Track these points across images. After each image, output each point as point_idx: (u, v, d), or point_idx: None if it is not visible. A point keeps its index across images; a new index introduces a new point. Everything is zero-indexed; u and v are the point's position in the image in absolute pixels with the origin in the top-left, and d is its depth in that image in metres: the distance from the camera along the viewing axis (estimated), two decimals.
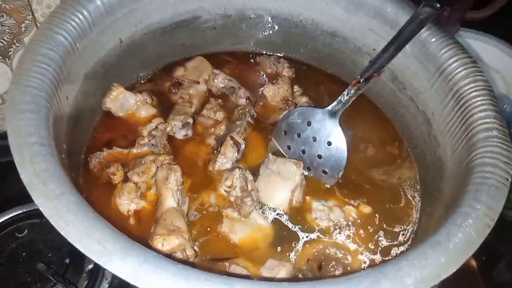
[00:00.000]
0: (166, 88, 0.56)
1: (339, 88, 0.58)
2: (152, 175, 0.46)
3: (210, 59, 0.59)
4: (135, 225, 0.44)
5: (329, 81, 0.60)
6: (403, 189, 0.51)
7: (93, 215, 0.31)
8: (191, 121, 0.51)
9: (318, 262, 0.44)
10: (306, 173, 0.50)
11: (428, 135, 0.50)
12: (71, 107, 0.44)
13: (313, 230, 0.46)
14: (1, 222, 0.53)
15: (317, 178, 0.50)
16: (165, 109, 0.53)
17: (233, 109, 0.54)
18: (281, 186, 0.47)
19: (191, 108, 0.54)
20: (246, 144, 0.50)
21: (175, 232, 0.40)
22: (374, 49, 0.54)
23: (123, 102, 0.51)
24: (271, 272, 0.41)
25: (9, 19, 0.55)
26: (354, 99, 0.48)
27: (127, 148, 0.49)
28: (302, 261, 0.44)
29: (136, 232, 0.43)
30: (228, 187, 0.47)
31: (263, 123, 0.54)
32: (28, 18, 0.56)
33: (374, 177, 0.51)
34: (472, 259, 0.55)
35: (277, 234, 0.45)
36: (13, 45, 0.58)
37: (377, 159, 0.53)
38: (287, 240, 0.45)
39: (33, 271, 0.49)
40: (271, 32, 0.60)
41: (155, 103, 0.54)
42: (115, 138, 0.50)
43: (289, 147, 0.51)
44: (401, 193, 0.50)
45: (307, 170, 0.50)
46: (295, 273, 0.42)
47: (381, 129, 0.56)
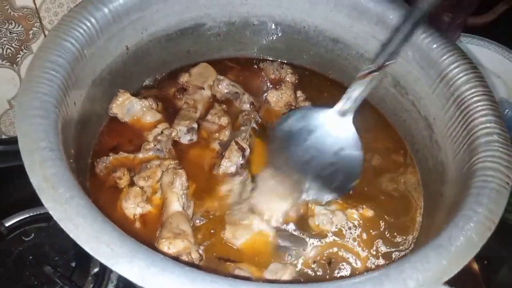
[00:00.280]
0: (171, 93, 0.57)
1: (342, 93, 0.59)
2: (157, 179, 0.47)
3: (214, 65, 0.59)
4: (141, 229, 0.44)
5: (332, 86, 0.60)
6: (407, 194, 0.51)
7: (101, 219, 0.32)
8: (195, 126, 0.52)
9: (328, 259, 0.44)
10: (305, 197, 0.47)
11: (430, 139, 0.50)
12: (79, 112, 0.45)
13: (316, 233, 0.46)
14: (8, 226, 0.54)
15: (319, 200, 0.47)
16: (170, 115, 0.54)
17: (237, 115, 0.55)
18: (277, 204, 0.46)
19: (196, 113, 0.54)
20: (250, 149, 0.51)
21: (180, 235, 0.41)
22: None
23: (129, 107, 0.52)
24: (274, 275, 0.42)
25: (17, 26, 0.56)
26: (367, 94, 0.44)
27: (133, 153, 0.49)
28: (306, 263, 0.44)
29: (142, 235, 0.44)
30: (226, 192, 0.47)
31: (265, 130, 0.55)
32: (36, 25, 0.57)
33: (379, 185, 0.51)
34: (474, 263, 0.55)
35: (279, 239, 0.46)
36: (20, 52, 0.59)
37: (382, 167, 0.53)
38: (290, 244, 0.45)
39: (40, 274, 0.49)
40: (274, 38, 0.61)
41: (160, 109, 0.54)
42: (121, 143, 0.51)
43: (288, 158, 0.47)
44: (404, 198, 0.51)
45: (309, 182, 0.47)
46: (299, 276, 0.43)
47: (384, 135, 0.56)
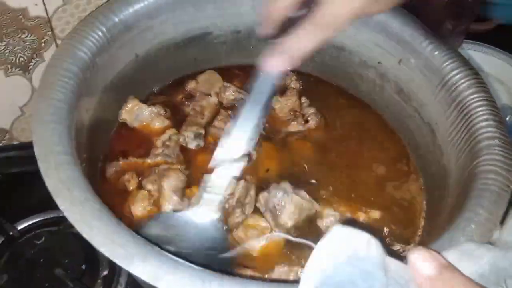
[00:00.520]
0: (178, 100, 0.58)
1: (347, 101, 0.60)
2: None
3: (220, 72, 0.61)
4: None
5: (336, 93, 0.61)
6: (411, 200, 0.52)
7: (114, 221, 0.33)
8: (202, 131, 0.53)
9: None
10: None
11: (432, 144, 0.51)
12: (90, 118, 0.46)
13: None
14: (20, 229, 0.55)
15: None
16: (178, 121, 0.55)
17: None
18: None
19: (203, 119, 0.56)
20: (256, 155, 0.52)
21: None
22: (379, 62, 0.56)
23: (138, 113, 0.53)
24: (281, 276, 0.43)
25: (30, 35, 0.58)
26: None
27: (142, 157, 0.51)
28: None
29: None
30: (228, 195, 0.48)
31: (272, 135, 0.56)
32: (48, 34, 0.59)
33: (384, 193, 0.52)
34: None
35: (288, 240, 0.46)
36: (32, 60, 0.60)
37: (387, 176, 0.53)
38: (297, 247, 0.45)
39: (51, 277, 0.51)
40: None
41: (168, 115, 0.56)
42: (131, 148, 0.52)
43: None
44: (408, 204, 0.51)
45: None
46: None
47: (388, 143, 0.57)
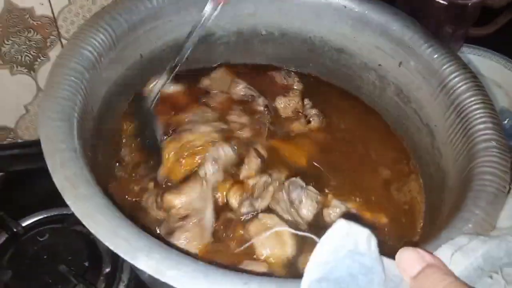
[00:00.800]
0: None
1: (349, 102, 0.61)
2: None
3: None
4: None
5: (338, 94, 0.62)
6: (412, 202, 0.52)
7: (119, 216, 0.34)
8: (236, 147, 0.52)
9: None
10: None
11: (431, 146, 0.52)
12: (95, 117, 0.47)
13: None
14: (25, 226, 0.56)
15: None
16: None
17: (253, 116, 0.56)
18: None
19: (217, 114, 0.55)
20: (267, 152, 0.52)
21: None
22: (379, 65, 0.57)
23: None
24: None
25: (36, 34, 0.59)
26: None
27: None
28: None
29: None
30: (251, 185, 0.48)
31: (276, 134, 0.56)
32: (53, 33, 0.60)
33: (387, 195, 0.52)
34: None
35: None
36: (38, 59, 0.61)
37: (390, 178, 0.54)
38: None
39: (55, 273, 0.51)
40: (281, 47, 0.63)
41: None
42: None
43: None
44: (409, 205, 0.52)
45: None
46: None
47: (390, 144, 0.58)
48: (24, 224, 0.56)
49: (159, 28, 0.54)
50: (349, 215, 0.47)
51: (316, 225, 0.47)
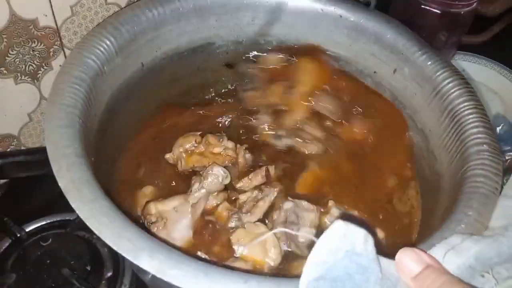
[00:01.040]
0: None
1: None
2: None
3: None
4: None
5: None
6: (411, 205, 0.54)
7: (122, 217, 0.35)
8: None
9: None
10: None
11: (426, 150, 0.53)
12: (98, 123, 0.48)
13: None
14: (28, 231, 0.57)
15: None
16: None
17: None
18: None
19: None
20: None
21: None
22: (374, 72, 0.58)
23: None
24: None
25: (39, 44, 0.60)
26: None
27: None
28: None
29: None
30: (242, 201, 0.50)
31: None
32: (56, 43, 0.61)
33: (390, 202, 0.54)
34: None
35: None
36: (41, 68, 0.62)
37: (392, 187, 0.55)
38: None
39: (58, 276, 0.52)
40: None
41: None
42: None
43: None
44: (409, 210, 0.53)
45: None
46: None
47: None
48: (27, 229, 0.57)
49: (160, 37, 0.55)
50: (346, 217, 0.48)
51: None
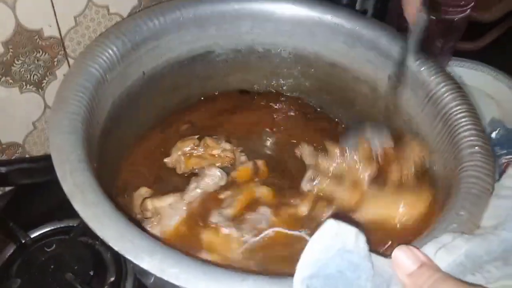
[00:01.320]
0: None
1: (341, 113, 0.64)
2: None
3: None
4: None
5: (331, 106, 0.66)
6: None
7: (124, 219, 0.36)
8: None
9: None
10: None
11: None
12: (101, 130, 0.50)
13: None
14: (33, 237, 0.58)
15: None
16: None
17: None
18: None
19: None
20: None
21: None
22: (371, 78, 0.59)
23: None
24: None
25: (44, 54, 0.62)
26: None
27: None
28: None
29: None
30: None
31: None
32: (60, 53, 0.63)
33: None
34: None
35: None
36: (46, 77, 0.64)
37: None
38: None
39: (61, 281, 0.53)
40: (277, 63, 0.66)
41: None
42: None
43: None
44: None
45: None
46: None
47: None
48: (32, 235, 0.58)
49: (161, 47, 0.57)
50: (338, 216, 0.49)
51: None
